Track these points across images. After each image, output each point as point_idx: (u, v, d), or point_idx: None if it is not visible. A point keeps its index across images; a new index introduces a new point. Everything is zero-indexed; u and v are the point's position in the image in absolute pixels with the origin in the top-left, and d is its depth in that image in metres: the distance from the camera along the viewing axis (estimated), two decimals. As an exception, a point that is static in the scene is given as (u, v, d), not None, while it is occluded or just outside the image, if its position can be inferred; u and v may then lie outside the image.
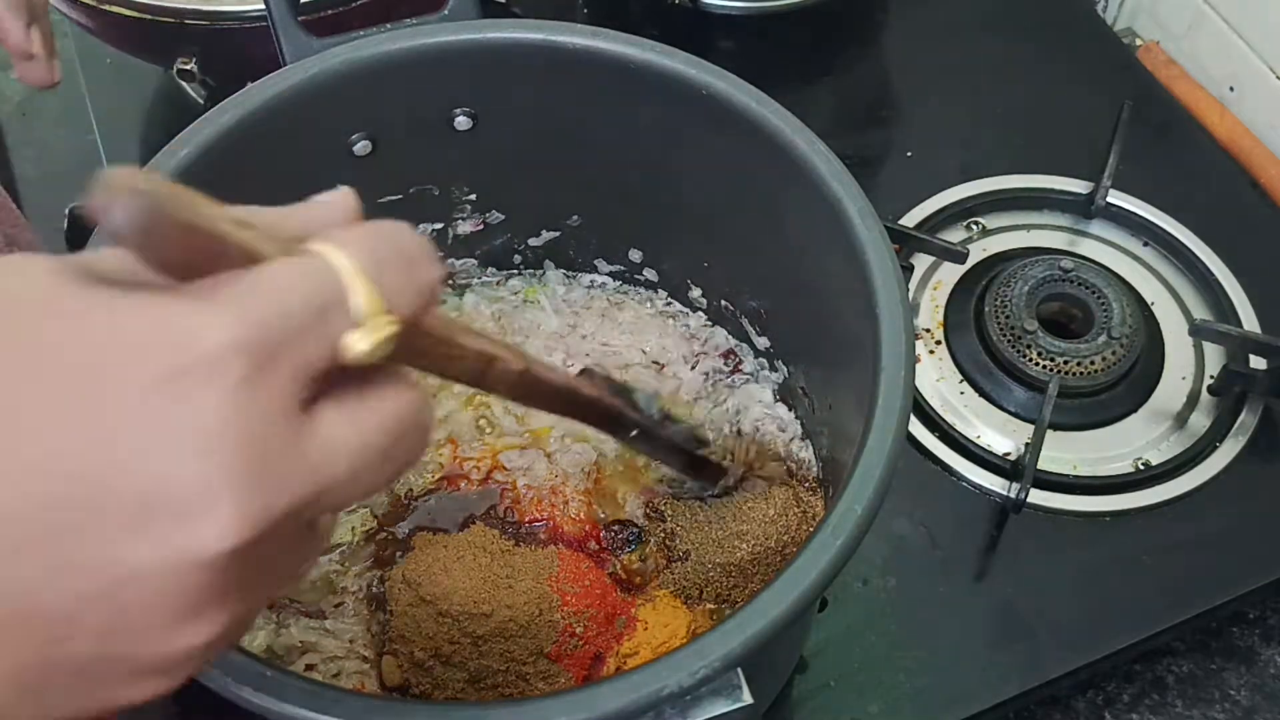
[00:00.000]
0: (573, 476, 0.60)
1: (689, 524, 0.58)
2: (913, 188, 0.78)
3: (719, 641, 0.36)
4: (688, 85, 0.52)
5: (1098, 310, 0.69)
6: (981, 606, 0.61)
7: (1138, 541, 0.64)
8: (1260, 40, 0.83)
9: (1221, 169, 0.81)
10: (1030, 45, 0.88)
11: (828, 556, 0.38)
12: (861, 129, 0.84)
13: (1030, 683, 0.58)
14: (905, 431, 0.42)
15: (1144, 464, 0.67)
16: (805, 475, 0.60)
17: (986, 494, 0.65)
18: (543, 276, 0.68)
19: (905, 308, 0.45)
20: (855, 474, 0.40)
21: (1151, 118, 0.82)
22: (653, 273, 0.66)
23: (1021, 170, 0.79)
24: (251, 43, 0.68)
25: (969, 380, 0.70)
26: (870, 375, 0.43)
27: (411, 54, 0.53)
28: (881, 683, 0.58)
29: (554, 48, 0.53)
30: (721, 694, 0.36)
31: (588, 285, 0.68)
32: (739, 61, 0.54)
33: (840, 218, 0.47)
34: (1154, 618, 0.61)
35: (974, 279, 0.74)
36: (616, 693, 0.35)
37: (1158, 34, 0.91)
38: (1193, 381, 0.71)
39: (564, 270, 0.68)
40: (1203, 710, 0.62)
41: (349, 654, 0.55)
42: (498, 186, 0.62)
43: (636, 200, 0.61)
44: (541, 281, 0.68)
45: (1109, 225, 0.78)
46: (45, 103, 0.85)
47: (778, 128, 0.50)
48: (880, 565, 0.62)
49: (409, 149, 0.57)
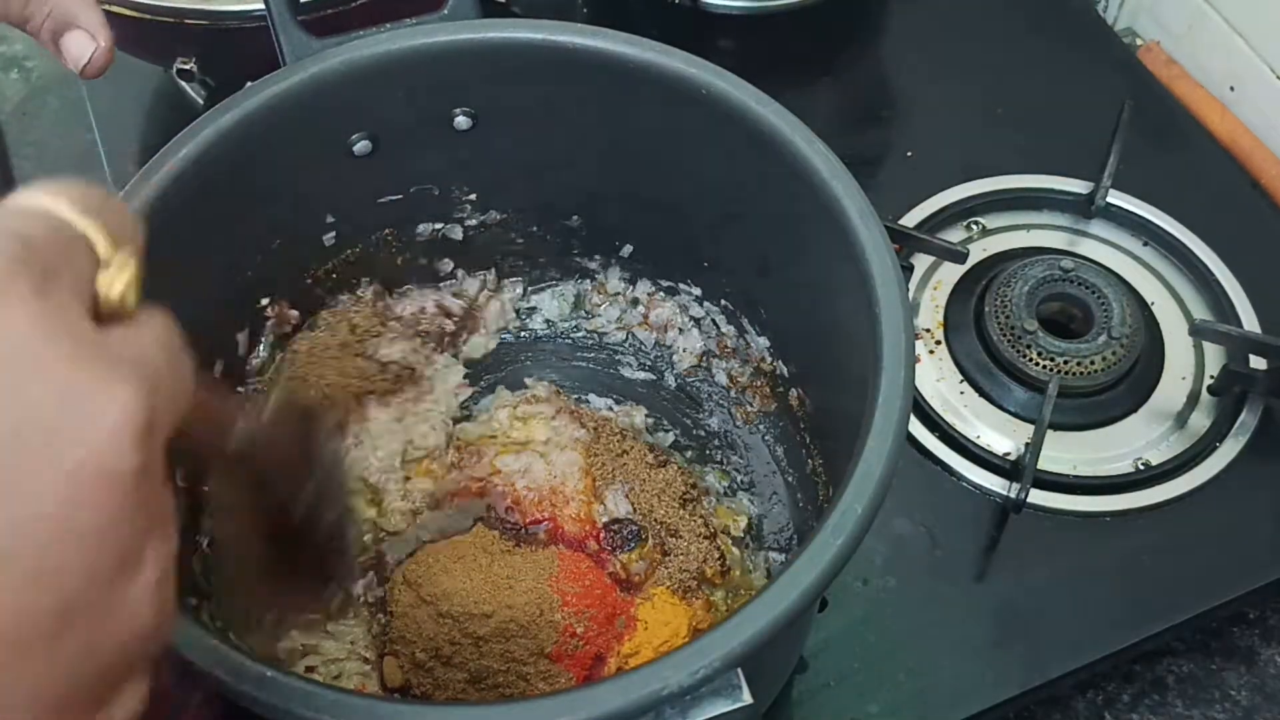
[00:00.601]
0: (570, 477, 0.60)
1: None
2: (913, 188, 0.78)
3: (719, 641, 0.36)
4: (688, 85, 0.52)
5: (1098, 310, 0.69)
6: (981, 606, 0.61)
7: (1138, 541, 0.64)
8: (1260, 40, 0.83)
9: (1221, 169, 0.81)
10: (1030, 45, 0.88)
11: (828, 556, 0.38)
12: (861, 129, 0.84)
13: (1030, 683, 0.58)
14: (905, 431, 0.42)
15: (1144, 464, 0.67)
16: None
17: (986, 494, 0.65)
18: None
19: (905, 308, 0.45)
20: (855, 474, 0.40)
21: (1151, 118, 0.82)
22: (652, 273, 0.66)
23: (1021, 170, 0.79)
24: (251, 43, 0.67)
25: (969, 380, 0.70)
26: (870, 375, 0.43)
27: (411, 54, 0.53)
28: (881, 683, 0.58)
29: (554, 48, 0.53)
30: (721, 694, 0.36)
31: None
32: (739, 61, 0.54)
33: (840, 218, 0.47)
34: (1154, 618, 0.61)
35: (974, 279, 0.74)
36: (616, 692, 0.35)
37: (1158, 34, 0.91)
38: (1193, 381, 0.71)
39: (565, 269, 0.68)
40: (1203, 710, 0.62)
41: (350, 655, 0.55)
42: (498, 186, 0.62)
43: (636, 200, 0.61)
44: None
45: (1109, 225, 0.78)
46: (45, 103, 0.85)
47: (778, 127, 0.50)
48: (880, 565, 0.62)
49: (409, 149, 0.57)
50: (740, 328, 0.64)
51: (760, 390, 0.64)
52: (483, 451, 0.62)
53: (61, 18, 0.48)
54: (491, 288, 0.67)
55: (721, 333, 0.65)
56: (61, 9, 0.48)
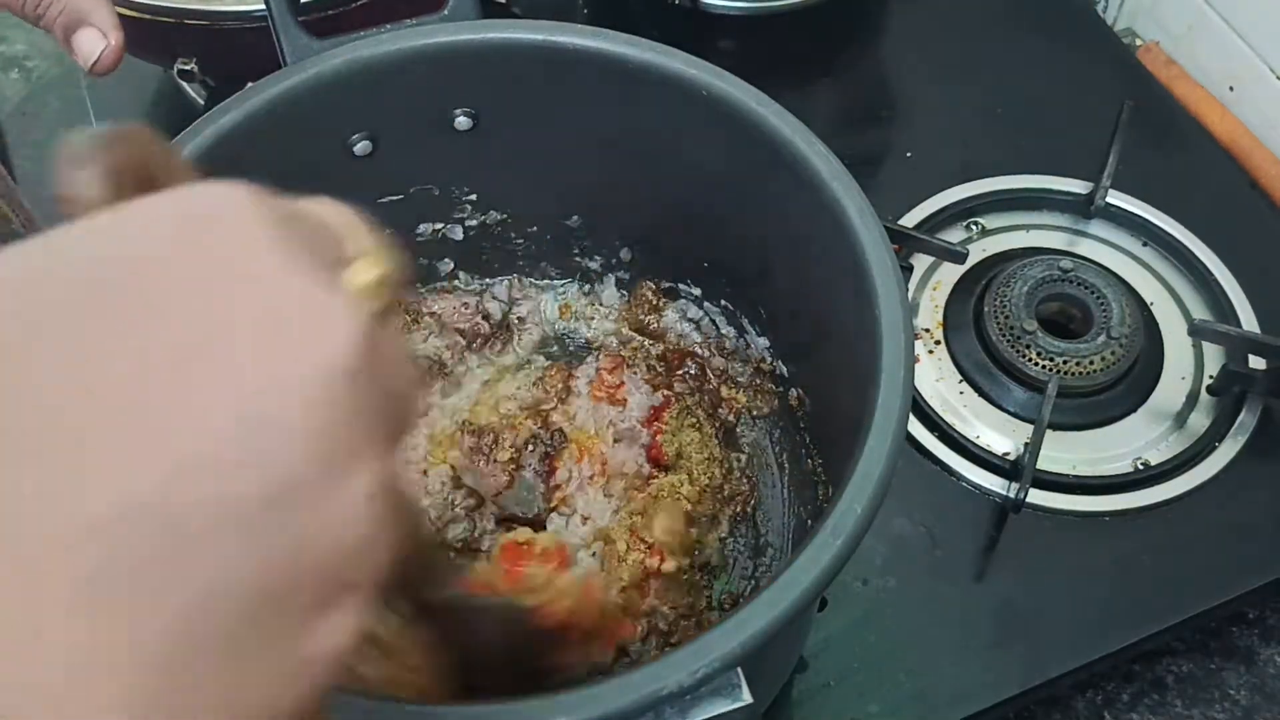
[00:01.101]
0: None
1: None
2: (913, 188, 0.78)
3: (719, 641, 0.36)
4: (688, 85, 0.52)
5: (1097, 310, 0.69)
6: (981, 606, 0.61)
7: (1138, 541, 0.64)
8: (1260, 40, 0.83)
9: (1221, 169, 0.82)
10: (1030, 45, 0.88)
11: (828, 556, 0.38)
12: (861, 129, 0.84)
13: (1030, 683, 0.58)
14: (905, 431, 0.42)
15: (1143, 464, 0.67)
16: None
17: (986, 494, 0.65)
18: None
19: (905, 308, 0.45)
20: (855, 474, 0.40)
21: (1151, 118, 0.82)
22: (652, 274, 0.66)
23: (1021, 170, 0.79)
24: (251, 43, 0.68)
25: (969, 380, 0.70)
26: (870, 375, 0.43)
27: (411, 54, 0.53)
28: (881, 683, 0.58)
29: (554, 48, 0.53)
30: (721, 694, 0.36)
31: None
32: (739, 61, 0.54)
33: (840, 218, 0.47)
34: (1154, 618, 0.61)
35: (974, 279, 0.74)
36: (616, 692, 0.35)
37: (1158, 34, 0.91)
38: (1192, 381, 0.71)
39: (564, 270, 0.68)
40: (1202, 710, 0.62)
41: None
42: (498, 186, 0.62)
43: (636, 200, 0.61)
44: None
45: (1108, 225, 0.78)
46: (45, 103, 0.85)
47: (777, 128, 0.50)
48: (880, 565, 0.62)
49: (409, 149, 0.57)
50: (740, 328, 0.64)
51: (760, 390, 0.64)
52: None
53: (74, 14, 0.48)
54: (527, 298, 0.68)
55: (721, 333, 0.65)
56: (74, 6, 0.48)
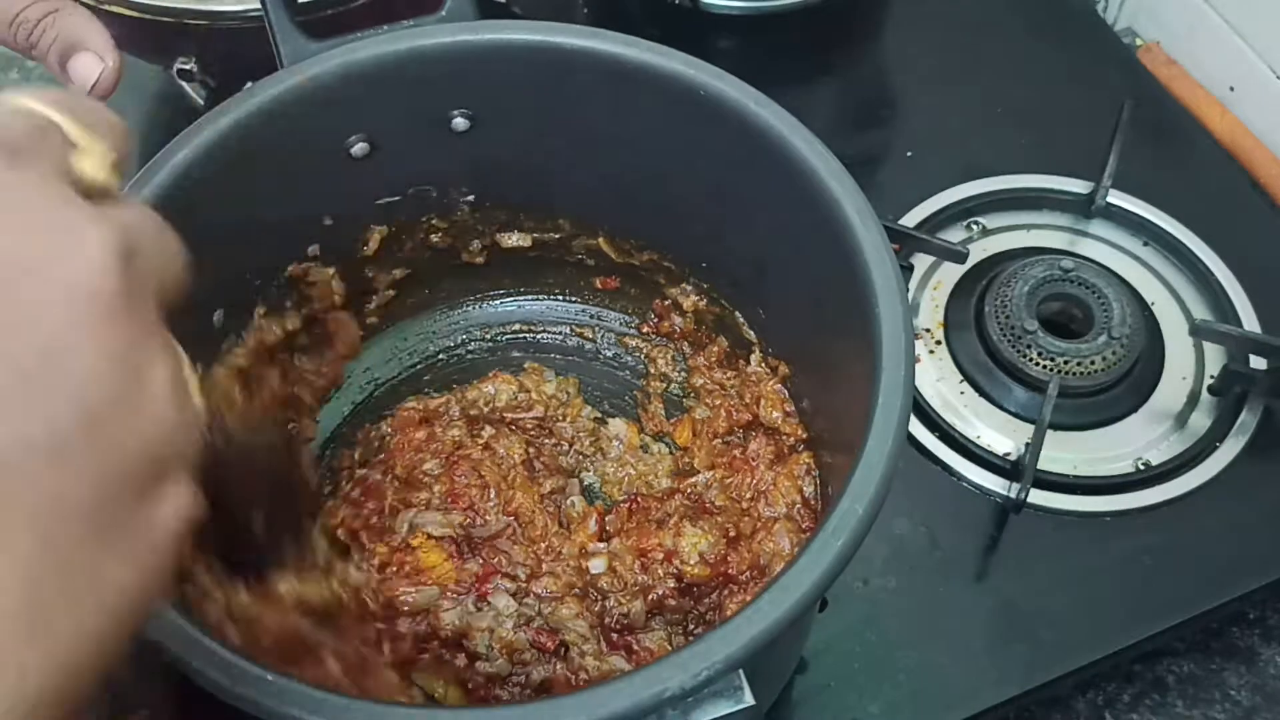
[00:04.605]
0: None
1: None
2: (913, 188, 0.78)
3: (721, 643, 0.36)
4: (686, 85, 0.52)
5: (1098, 310, 0.69)
6: (981, 606, 0.61)
7: (1138, 541, 0.63)
8: (1260, 40, 0.83)
9: (1221, 169, 0.81)
10: (1030, 45, 0.88)
11: (828, 557, 0.38)
12: (861, 129, 0.84)
13: (1030, 683, 0.58)
14: (905, 431, 0.42)
15: (1144, 464, 0.67)
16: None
17: (987, 494, 0.65)
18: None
19: (905, 308, 0.45)
20: (855, 474, 0.40)
21: (1151, 118, 0.82)
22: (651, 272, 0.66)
23: (1021, 170, 0.79)
24: (251, 43, 0.67)
25: (969, 380, 0.70)
26: (870, 375, 0.43)
27: (409, 55, 0.53)
28: (881, 683, 0.58)
29: (553, 48, 0.53)
30: (723, 695, 0.36)
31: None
32: (739, 61, 0.54)
33: (839, 218, 0.47)
34: (1154, 618, 0.61)
35: (974, 279, 0.74)
36: (617, 694, 0.35)
37: (1158, 34, 0.91)
38: (1193, 381, 0.71)
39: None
40: (1203, 710, 0.62)
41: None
42: (497, 186, 0.62)
43: (635, 200, 0.61)
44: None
45: (1109, 225, 0.78)
46: (44, 104, 0.84)
47: (777, 128, 0.50)
48: (880, 565, 0.62)
49: (407, 150, 0.57)
50: (740, 328, 0.64)
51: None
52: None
53: (68, 40, 0.48)
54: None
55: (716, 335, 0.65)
56: (67, 32, 0.48)
